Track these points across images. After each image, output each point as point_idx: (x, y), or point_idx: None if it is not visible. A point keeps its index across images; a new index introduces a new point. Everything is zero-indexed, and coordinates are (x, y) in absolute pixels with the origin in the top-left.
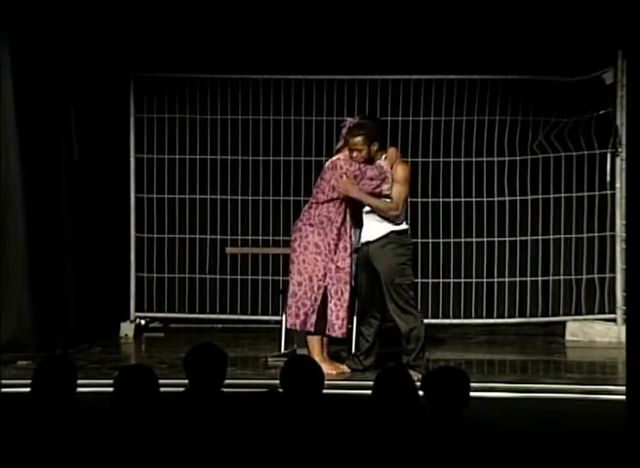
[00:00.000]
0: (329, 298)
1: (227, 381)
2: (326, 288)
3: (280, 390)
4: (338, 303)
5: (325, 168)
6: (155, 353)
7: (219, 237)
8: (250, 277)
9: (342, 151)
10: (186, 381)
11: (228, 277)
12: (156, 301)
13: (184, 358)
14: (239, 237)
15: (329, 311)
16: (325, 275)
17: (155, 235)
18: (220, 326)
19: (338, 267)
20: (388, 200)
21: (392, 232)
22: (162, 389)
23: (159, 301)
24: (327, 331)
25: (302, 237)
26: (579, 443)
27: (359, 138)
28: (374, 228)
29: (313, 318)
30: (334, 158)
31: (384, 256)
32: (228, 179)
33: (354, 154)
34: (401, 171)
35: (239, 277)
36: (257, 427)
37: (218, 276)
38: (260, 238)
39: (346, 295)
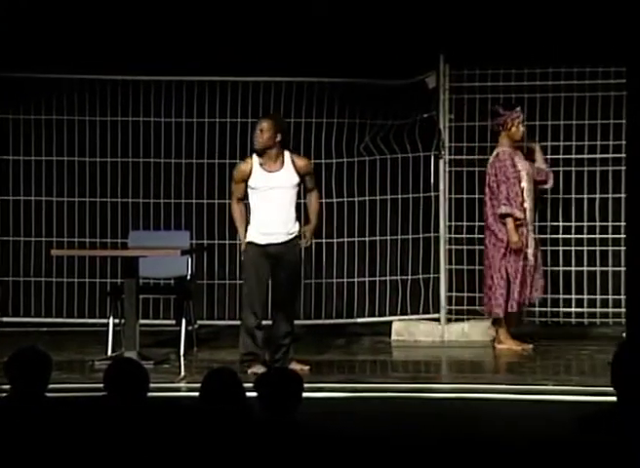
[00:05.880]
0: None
1: (52, 386)
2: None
3: (104, 393)
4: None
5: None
6: None
7: (44, 239)
8: (76, 280)
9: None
10: (8, 387)
11: (54, 280)
12: None
13: (5, 362)
14: (65, 239)
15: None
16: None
17: None
18: (45, 329)
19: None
20: None
21: (299, 231)
22: None
23: None
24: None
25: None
26: (405, 441)
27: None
28: (288, 230)
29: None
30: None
31: (294, 255)
32: (54, 181)
33: None
34: None
35: (65, 280)
36: (81, 432)
37: (43, 279)
38: (88, 240)
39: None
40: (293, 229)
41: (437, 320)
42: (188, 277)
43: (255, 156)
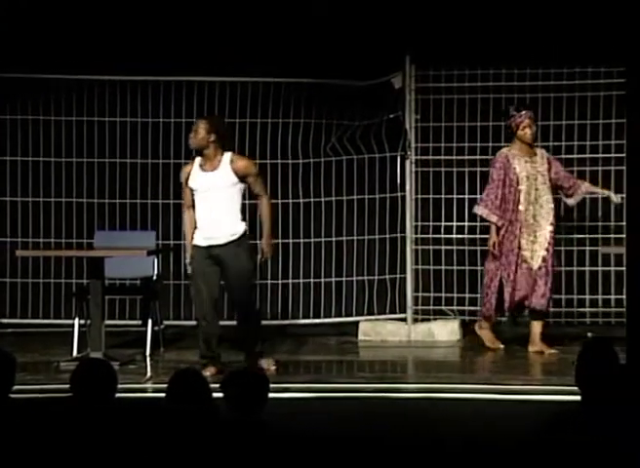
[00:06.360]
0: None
1: (18, 387)
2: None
3: (70, 395)
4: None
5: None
6: None
7: (8, 240)
8: (42, 280)
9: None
10: None
11: (19, 280)
12: None
13: None
14: (30, 240)
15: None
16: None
17: None
18: (10, 330)
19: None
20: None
21: (245, 232)
22: None
23: None
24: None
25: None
26: (371, 441)
27: None
28: (229, 231)
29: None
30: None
31: (239, 257)
32: (18, 181)
33: None
34: None
35: (30, 280)
36: (48, 433)
37: (7, 279)
38: (53, 241)
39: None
40: (235, 230)
41: (404, 320)
42: (154, 277)
43: (197, 158)
